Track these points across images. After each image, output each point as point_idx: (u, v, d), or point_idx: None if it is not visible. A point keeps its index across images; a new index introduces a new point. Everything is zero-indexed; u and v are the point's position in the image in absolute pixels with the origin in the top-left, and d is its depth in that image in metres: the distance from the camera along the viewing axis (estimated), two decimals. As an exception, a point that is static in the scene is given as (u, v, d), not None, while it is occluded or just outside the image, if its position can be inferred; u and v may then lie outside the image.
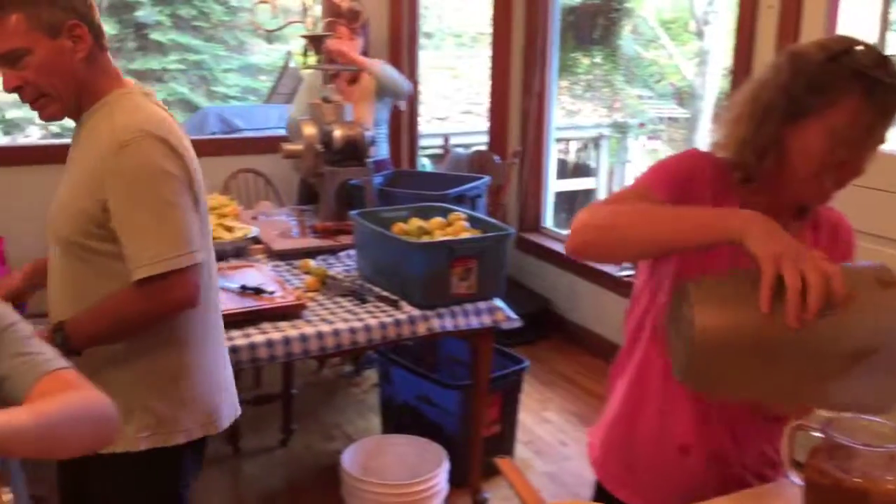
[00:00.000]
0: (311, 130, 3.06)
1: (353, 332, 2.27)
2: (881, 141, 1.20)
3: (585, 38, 8.11)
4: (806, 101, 1.18)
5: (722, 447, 1.36)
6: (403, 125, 4.61)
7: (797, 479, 1.20)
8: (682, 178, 1.28)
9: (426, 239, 2.53)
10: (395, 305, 2.41)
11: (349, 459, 2.38)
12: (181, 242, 1.54)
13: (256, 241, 2.91)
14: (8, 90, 1.55)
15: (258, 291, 2.36)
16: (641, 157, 7.70)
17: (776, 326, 0.98)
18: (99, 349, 1.57)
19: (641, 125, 7.77)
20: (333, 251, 2.90)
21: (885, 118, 1.18)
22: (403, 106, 4.25)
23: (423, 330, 2.38)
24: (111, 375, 1.56)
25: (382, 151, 3.84)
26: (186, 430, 1.66)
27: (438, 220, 2.63)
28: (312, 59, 3.34)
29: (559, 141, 6.00)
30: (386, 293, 2.48)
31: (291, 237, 2.99)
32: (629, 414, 1.42)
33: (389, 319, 2.34)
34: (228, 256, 2.76)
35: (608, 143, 7.16)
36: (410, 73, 4.45)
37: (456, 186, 3.21)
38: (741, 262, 1.05)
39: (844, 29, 2.87)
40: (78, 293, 1.60)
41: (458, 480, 2.69)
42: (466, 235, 2.54)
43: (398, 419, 3.13)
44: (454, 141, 5.21)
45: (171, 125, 1.59)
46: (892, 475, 1.07)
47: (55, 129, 8.63)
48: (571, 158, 7.54)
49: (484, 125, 5.10)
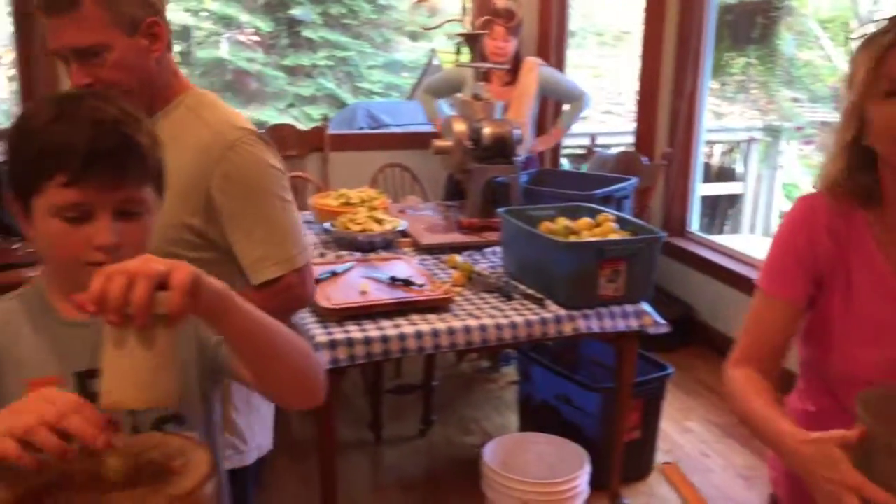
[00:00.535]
0: (461, 127, 3.09)
1: (499, 328, 2.29)
2: None
3: (742, 37, 7.80)
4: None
5: None
6: (548, 123, 4.60)
7: None
8: (801, 254, 1.30)
9: (574, 239, 2.51)
10: (540, 304, 2.41)
11: (490, 454, 2.39)
12: (299, 239, 1.53)
13: (404, 234, 2.97)
14: (77, 86, 1.44)
15: (407, 283, 2.42)
16: (794, 162, 7.32)
17: None
18: None
19: (799, 128, 7.40)
20: (479, 247, 2.92)
21: None
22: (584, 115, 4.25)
23: (569, 330, 2.37)
24: None
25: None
26: (258, 446, 1.60)
27: (586, 220, 2.61)
28: (465, 56, 3.39)
29: (706, 144, 5.79)
30: (532, 291, 2.48)
31: (439, 232, 3.04)
32: None
33: (535, 318, 2.34)
34: (378, 248, 2.84)
35: (759, 146, 6.85)
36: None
37: (600, 187, 3.17)
38: None
39: None
40: None
41: (595, 483, 2.66)
42: (615, 237, 2.50)
43: (536, 417, 3.13)
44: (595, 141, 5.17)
45: None
46: None
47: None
48: (716, 161, 7.27)
49: (625, 125, 5.00)
